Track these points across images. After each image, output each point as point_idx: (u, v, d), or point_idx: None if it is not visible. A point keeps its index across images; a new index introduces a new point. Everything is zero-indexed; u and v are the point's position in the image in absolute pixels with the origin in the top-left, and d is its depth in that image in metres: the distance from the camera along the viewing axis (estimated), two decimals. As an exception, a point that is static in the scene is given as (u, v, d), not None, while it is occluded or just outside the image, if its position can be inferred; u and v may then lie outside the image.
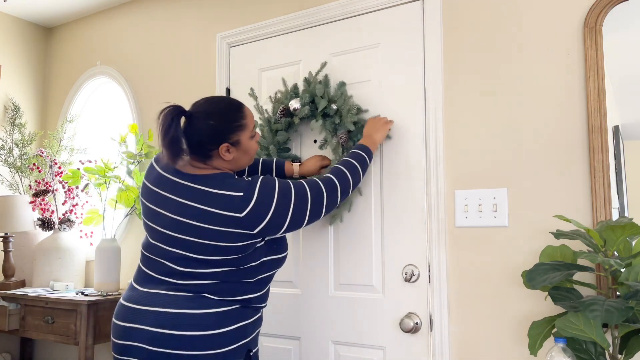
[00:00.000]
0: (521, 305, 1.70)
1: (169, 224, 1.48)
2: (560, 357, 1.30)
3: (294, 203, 1.50)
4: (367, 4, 2.08)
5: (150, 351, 1.42)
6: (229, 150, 1.52)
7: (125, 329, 1.47)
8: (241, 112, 1.55)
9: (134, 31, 2.95)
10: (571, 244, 1.61)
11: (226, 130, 1.51)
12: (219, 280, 1.47)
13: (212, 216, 1.44)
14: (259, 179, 1.49)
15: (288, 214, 1.49)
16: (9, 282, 2.80)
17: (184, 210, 1.47)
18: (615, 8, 1.61)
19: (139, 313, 1.46)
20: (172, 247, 1.48)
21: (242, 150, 1.55)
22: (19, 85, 3.24)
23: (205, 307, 1.45)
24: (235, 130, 1.52)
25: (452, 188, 1.86)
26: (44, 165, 2.96)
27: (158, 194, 1.53)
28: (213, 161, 1.53)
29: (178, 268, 1.48)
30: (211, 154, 1.52)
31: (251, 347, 1.55)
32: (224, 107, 1.53)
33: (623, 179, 1.57)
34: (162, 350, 1.41)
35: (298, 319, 2.13)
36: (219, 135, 1.50)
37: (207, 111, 1.51)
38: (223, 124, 1.51)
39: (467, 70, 1.87)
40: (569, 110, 1.68)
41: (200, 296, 1.46)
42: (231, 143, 1.52)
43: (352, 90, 2.09)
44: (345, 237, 2.06)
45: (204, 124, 1.49)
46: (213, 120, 1.50)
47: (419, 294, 1.88)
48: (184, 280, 1.47)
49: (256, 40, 2.39)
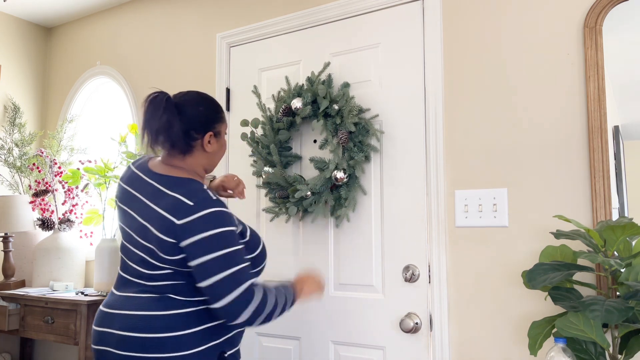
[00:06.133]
0: (521, 305, 1.70)
1: (134, 226, 1.46)
2: (560, 357, 1.30)
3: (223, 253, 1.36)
4: (367, 4, 2.08)
5: (118, 355, 1.39)
6: (210, 140, 1.51)
7: (98, 333, 1.46)
8: (221, 107, 1.59)
9: (134, 31, 2.95)
10: (571, 244, 1.61)
11: (214, 118, 1.52)
12: (182, 280, 1.43)
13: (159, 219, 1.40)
14: (220, 205, 1.41)
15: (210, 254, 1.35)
16: (9, 282, 2.80)
17: (146, 213, 1.43)
18: (615, 8, 1.61)
19: (110, 317, 1.45)
20: (137, 249, 1.46)
21: (220, 144, 1.55)
22: (19, 85, 3.24)
23: (171, 308, 1.41)
24: (219, 121, 1.54)
25: (452, 188, 1.86)
26: (44, 165, 2.96)
27: (129, 193, 1.51)
28: (193, 156, 1.50)
29: (143, 270, 1.45)
30: (193, 145, 1.49)
31: (225, 349, 1.48)
32: (208, 98, 1.55)
33: (623, 179, 1.57)
34: (128, 354, 1.38)
35: (298, 319, 2.13)
36: (207, 122, 1.50)
37: (195, 99, 1.52)
38: (211, 112, 1.52)
39: (467, 70, 1.87)
40: (569, 110, 1.68)
41: (166, 297, 1.42)
42: (215, 133, 1.52)
43: (352, 90, 2.09)
44: (345, 237, 2.06)
45: (195, 110, 1.49)
46: (203, 107, 1.51)
47: (419, 294, 1.88)
48: (150, 282, 1.44)
49: (256, 40, 2.39)
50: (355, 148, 1.95)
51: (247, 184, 2.34)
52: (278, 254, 2.21)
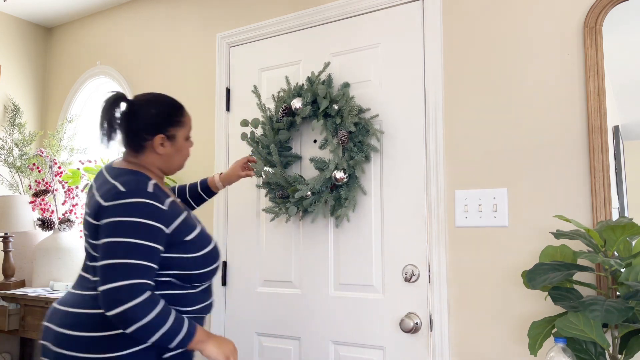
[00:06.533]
0: (521, 305, 1.70)
1: (84, 220, 1.47)
2: (560, 357, 1.29)
3: (125, 241, 1.31)
4: (367, 4, 2.08)
5: (54, 352, 1.37)
6: (163, 143, 1.50)
7: (43, 328, 1.46)
8: (183, 111, 1.56)
9: (134, 31, 2.95)
10: (571, 244, 1.61)
11: (165, 122, 1.50)
12: None
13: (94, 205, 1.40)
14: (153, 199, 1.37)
15: (112, 237, 1.31)
16: (9, 282, 2.80)
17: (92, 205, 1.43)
18: (615, 8, 1.61)
19: (53, 312, 1.44)
20: (85, 241, 1.47)
21: (176, 148, 1.54)
22: (19, 85, 3.24)
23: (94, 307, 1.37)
24: (173, 125, 1.52)
25: (452, 188, 1.86)
26: (44, 165, 2.96)
27: (91, 188, 1.52)
28: (145, 155, 1.51)
29: (87, 263, 1.46)
30: (145, 145, 1.49)
31: (164, 352, 1.41)
32: (167, 101, 1.54)
33: (623, 179, 1.57)
34: (62, 352, 1.36)
35: (298, 319, 2.13)
36: (157, 125, 1.49)
37: (150, 100, 1.51)
38: (163, 114, 1.50)
39: (467, 70, 1.87)
40: (569, 110, 1.68)
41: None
42: (167, 136, 1.50)
43: (352, 90, 2.09)
44: (345, 237, 2.06)
45: (145, 111, 1.49)
46: (154, 109, 1.49)
47: (419, 294, 1.88)
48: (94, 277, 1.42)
49: (256, 40, 2.39)
50: (355, 148, 1.95)
51: (247, 184, 2.34)
52: (278, 254, 2.21)
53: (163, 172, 1.57)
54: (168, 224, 1.40)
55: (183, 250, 1.44)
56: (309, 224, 2.15)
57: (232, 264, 2.35)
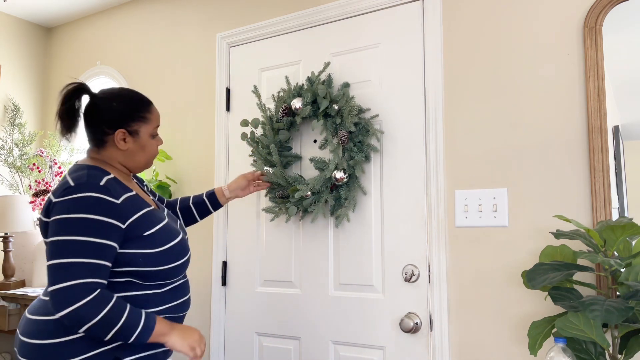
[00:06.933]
0: (521, 305, 1.70)
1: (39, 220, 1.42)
2: (560, 357, 1.29)
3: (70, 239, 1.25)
4: (367, 4, 2.08)
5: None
6: (124, 138, 1.44)
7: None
8: (149, 107, 1.49)
9: (134, 31, 2.95)
10: (571, 244, 1.61)
11: (127, 116, 1.44)
12: None
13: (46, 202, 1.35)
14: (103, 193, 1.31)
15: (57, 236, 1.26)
16: (9, 282, 2.80)
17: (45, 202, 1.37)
18: (615, 8, 1.61)
19: (21, 319, 1.41)
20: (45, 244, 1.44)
21: (139, 145, 1.47)
22: (19, 85, 3.24)
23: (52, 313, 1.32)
24: (136, 120, 1.45)
25: (452, 188, 1.86)
26: (44, 165, 2.96)
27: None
28: (107, 150, 1.45)
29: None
30: (105, 140, 1.44)
31: (121, 356, 1.35)
32: (132, 95, 1.48)
33: (623, 179, 1.57)
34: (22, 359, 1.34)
35: (298, 319, 2.13)
36: (118, 119, 1.43)
37: (113, 93, 1.46)
38: (126, 109, 1.44)
39: (467, 70, 1.87)
40: (569, 110, 1.68)
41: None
42: (129, 131, 1.44)
43: (352, 90, 2.09)
44: (345, 237, 2.06)
45: (106, 104, 1.43)
46: (116, 103, 1.43)
47: (419, 294, 1.88)
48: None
49: (256, 40, 2.39)
50: (355, 148, 1.95)
51: (247, 184, 2.34)
52: (278, 254, 2.21)
53: (127, 169, 1.50)
54: (123, 219, 1.33)
55: (141, 246, 1.36)
56: (309, 224, 2.15)
57: (232, 264, 2.35)
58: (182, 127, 2.62)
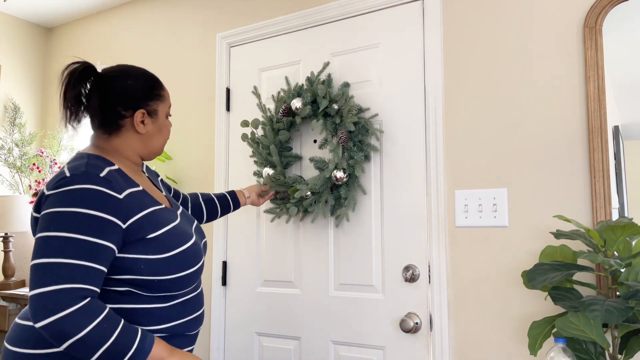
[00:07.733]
0: (521, 305, 1.70)
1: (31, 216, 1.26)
2: (560, 357, 1.29)
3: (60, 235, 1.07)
4: (367, 4, 2.08)
5: None
6: (144, 120, 1.28)
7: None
8: (161, 84, 1.35)
9: (134, 31, 2.95)
10: (571, 244, 1.61)
11: (146, 95, 1.29)
12: None
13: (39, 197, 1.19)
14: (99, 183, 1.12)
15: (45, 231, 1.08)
16: (9, 282, 2.80)
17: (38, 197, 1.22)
18: (615, 8, 1.61)
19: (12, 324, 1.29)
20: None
21: (158, 127, 1.32)
22: (19, 85, 3.24)
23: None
24: (154, 98, 1.30)
25: (452, 188, 1.86)
26: (44, 165, 2.96)
27: None
28: (121, 136, 1.27)
29: None
30: (122, 123, 1.27)
31: None
32: (143, 72, 1.33)
33: (623, 179, 1.57)
34: None
35: (298, 319, 2.13)
36: (137, 98, 1.27)
37: (124, 71, 1.29)
38: (143, 87, 1.29)
39: (467, 70, 1.87)
40: (569, 110, 1.68)
41: None
42: (149, 111, 1.29)
43: (352, 90, 2.09)
44: (345, 237, 2.06)
45: (121, 83, 1.26)
46: (132, 81, 1.27)
47: (419, 294, 1.88)
48: None
49: (256, 40, 2.39)
50: (355, 148, 1.95)
51: (247, 185, 2.34)
52: (278, 254, 2.21)
53: (141, 158, 1.34)
54: (124, 217, 1.14)
55: (143, 250, 1.17)
56: (309, 224, 2.15)
57: (232, 264, 2.35)
58: (182, 127, 2.62)
